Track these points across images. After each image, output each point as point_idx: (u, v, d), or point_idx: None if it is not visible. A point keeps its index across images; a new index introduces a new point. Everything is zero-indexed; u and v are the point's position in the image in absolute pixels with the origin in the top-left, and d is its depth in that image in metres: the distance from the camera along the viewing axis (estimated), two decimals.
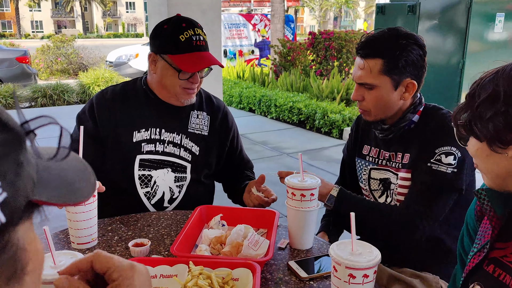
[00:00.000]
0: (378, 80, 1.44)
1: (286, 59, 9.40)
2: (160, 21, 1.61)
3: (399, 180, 1.51)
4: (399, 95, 1.47)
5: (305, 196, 1.28)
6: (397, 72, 1.43)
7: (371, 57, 1.43)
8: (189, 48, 1.55)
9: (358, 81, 1.48)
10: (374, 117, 1.51)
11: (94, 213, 1.30)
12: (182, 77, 1.57)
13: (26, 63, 9.43)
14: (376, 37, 1.45)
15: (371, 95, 1.47)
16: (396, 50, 1.41)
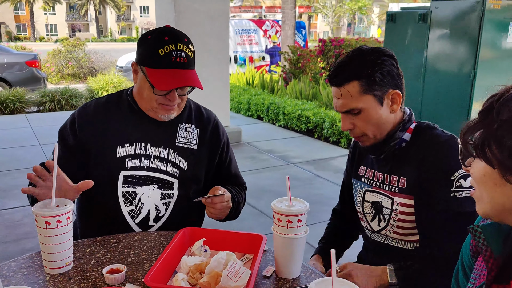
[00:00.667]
0: (362, 101, 1.38)
1: (296, 66, 9.32)
2: (148, 30, 1.54)
3: (399, 206, 1.44)
4: (387, 109, 1.41)
5: (291, 222, 1.19)
6: (376, 87, 1.37)
7: (346, 83, 1.38)
8: (166, 63, 1.46)
9: (342, 110, 1.42)
10: (374, 140, 1.45)
11: (68, 236, 1.23)
12: (157, 92, 1.50)
13: (36, 67, 9.48)
14: (343, 62, 1.41)
15: (360, 120, 1.41)
16: (367, 67, 1.36)
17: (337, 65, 1.41)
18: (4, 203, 3.98)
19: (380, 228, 1.52)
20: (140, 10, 62.86)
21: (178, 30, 1.53)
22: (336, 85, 1.40)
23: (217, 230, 1.40)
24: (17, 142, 5.97)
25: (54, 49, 13.97)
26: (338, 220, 1.78)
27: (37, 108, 8.45)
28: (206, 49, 5.97)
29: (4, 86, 9.05)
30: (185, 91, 1.54)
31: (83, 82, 12.93)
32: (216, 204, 1.48)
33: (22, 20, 55.39)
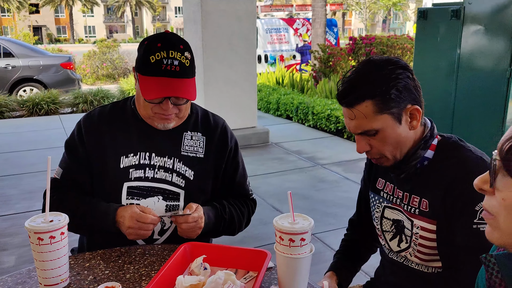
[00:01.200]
0: (378, 122, 1.24)
1: (326, 65, 9.16)
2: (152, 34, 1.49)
3: (420, 230, 1.31)
4: (406, 126, 1.27)
5: (294, 241, 1.10)
6: (393, 104, 1.23)
7: (358, 103, 1.23)
8: (155, 71, 1.39)
9: (357, 131, 1.28)
10: (393, 160, 1.31)
11: (63, 252, 1.19)
12: (147, 100, 1.43)
13: (70, 68, 9.72)
14: (353, 79, 1.26)
15: (377, 141, 1.28)
16: (381, 84, 1.22)
17: (346, 82, 1.26)
18: (30, 204, 4.06)
19: (401, 249, 1.39)
20: (175, 11, 63.80)
21: (176, 36, 1.46)
22: (346, 105, 1.26)
23: (219, 246, 1.33)
24: (49, 143, 6.12)
25: (89, 51, 14.33)
26: (355, 231, 1.67)
27: (70, 109, 8.66)
28: (233, 50, 5.93)
29: (40, 88, 9.33)
30: (181, 100, 1.46)
31: (117, 82, 13.19)
32: (180, 224, 1.42)
33: (62, 23, 57.29)
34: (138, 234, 1.39)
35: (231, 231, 1.64)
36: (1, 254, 3.15)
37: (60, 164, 1.57)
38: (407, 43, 8.22)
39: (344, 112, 1.29)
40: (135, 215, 1.37)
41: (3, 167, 5.15)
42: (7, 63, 9.11)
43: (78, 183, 1.54)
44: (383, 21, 62.82)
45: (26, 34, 20.99)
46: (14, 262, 3.05)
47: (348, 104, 1.26)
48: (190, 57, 1.44)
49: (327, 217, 3.80)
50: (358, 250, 1.64)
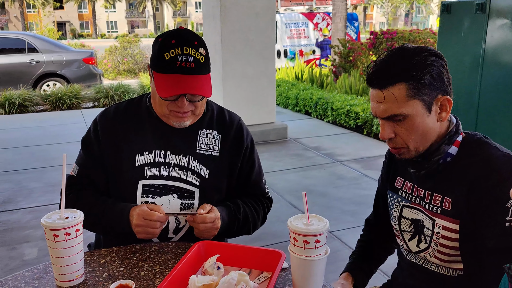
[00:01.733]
0: (408, 107, 1.20)
1: (346, 60, 9.05)
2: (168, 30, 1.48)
3: (442, 229, 1.27)
4: (434, 117, 1.23)
5: (308, 243, 1.08)
6: (426, 91, 1.19)
7: (390, 85, 1.20)
8: (170, 68, 1.38)
9: (384, 115, 1.23)
10: (415, 152, 1.26)
11: (78, 248, 1.20)
12: (163, 98, 1.42)
13: (92, 64, 9.85)
14: (386, 62, 1.22)
15: (403, 128, 1.23)
16: (416, 68, 1.18)
17: (380, 63, 1.22)
18: (53, 197, 4.13)
19: (420, 249, 1.35)
20: (195, 6, 64.00)
21: (190, 32, 1.44)
22: (378, 87, 1.22)
23: (233, 245, 1.32)
24: (70, 137, 6.22)
25: (111, 46, 14.50)
26: (371, 232, 1.63)
27: (92, 104, 8.79)
28: (251, 46, 5.91)
29: (63, 82, 9.49)
30: (196, 97, 1.45)
31: (137, 77, 13.32)
32: (198, 225, 1.40)
33: (85, 18, 58.12)
34: (146, 232, 1.38)
35: (246, 231, 1.63)
36: (24, 246, 3.22)
37: (77, 161, 1.58)
38: (430, 37, 8.05)
39: (373, 95, 1.25)
40: (142, 212, 1.37)
41: (28, 160, 5.26)
42: (31, 58, 9.29)
43: (94, 181, 1.55)
44: (405, 15, 61.76)
45: (50, 30, 21.37)
46: (37, 254, 3.11)
47: (380, 85, 1.21)
48: (205, 53, 1.43)
49: (345, 215, 3.76)
50: (374, 251, 1.61)
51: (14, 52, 9.28)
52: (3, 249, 3.18)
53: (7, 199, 4.11)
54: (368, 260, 1.57)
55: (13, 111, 8.07)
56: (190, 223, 1.42)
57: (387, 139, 1.27)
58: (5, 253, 3.13)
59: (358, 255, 1.58)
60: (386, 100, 1.21)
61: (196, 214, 1.39)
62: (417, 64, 1.19)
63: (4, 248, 3.20)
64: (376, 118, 1.30)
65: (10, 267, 2.96)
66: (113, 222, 1.45)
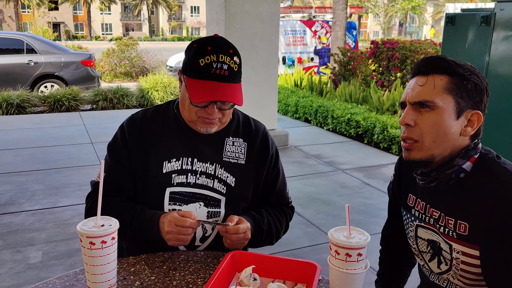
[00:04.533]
0: (442, 98, 1.18)
1: (346, 68, 9.10)
2: (197, 38, 1.48)
3: (461, 255, 1.22)
4: (459, 127, 1.20)
5: (350, 256, 1.08)
6: (464, 95, 1.18)
7: (436, 72, 1.20)
8: (204, 75, 1.38)
9: (414, 100, 1.21)
10: (426, 153, 1.20)
11: (113, 257, 1.18)
12: (195, 104, 1.42)
13: (90, 66, 9.80)
14: (439, 56, 1.24)
15: (426, 119, 1.19)
16: (465, 69, 1.19)
17: (431, 56, 1.24)
18: (56, 200, 4.09)
19: (441, 271, 1.31)
20: (190, 10, 64.11)
21: (225, 41, 1.44)
22: (423, 72, 1.21)
23: (268, 256, 1.31)
24: (70, 140, 6.17)
25: (108, 49, 14.42)
26: (391, 248, 1.61)
27: (90, 106, 8.72)
28: (255, 52, 5.92)
29: (61, 84, 9.42)
30: (226, 105, 1.44)
31: (134, 80, 13.28)
32: (231, 235, 1.39)
33: (80, 20, 57.91)
34: (177, 239, 1.37)
35: (269, 242, 1.62)
36: (29, 250, 3.18)
37: (103, 167, 1.56)
38: (431, 48, 8.12)
39: (414, 81, 1.24)
40: (173, 219, 1.36)
41: (29, 162, 5.21)
42: (29, 59, 9.21)
43: (121, 187, 1.53)
44: (399, 25, 62.32)
45: (45, 31, 21.22)
46: (41, 258, 3.07)
47: (425, 70, 1.22)
48: (238, 62, 1.43)
49: (350, 224, 3.75)
50: (399, 268, 1.58)
51: (12, 53, 9.20)
52: (7, 252, 3.14)
53: (9, 201, 4.06)
54: (396, 279, 1.55)
55: (11, 111, 7.98)
56: (222, 233, 1.41)
57: (405, 126, 1.23)
58: (10, 256, 3.08)
59: (386, 276, 1.56)
60: (425, 85, 1.20)
61: (229, 225, 1.38)
62: (467, 68, 1.20)
63: (8, 251, 3.16)
64: (402, 108, 1.26)
65: (15, 270, 2.91)
66: (142, 230, 1.43)
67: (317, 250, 3.31)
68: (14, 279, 2.82)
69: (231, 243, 1.41)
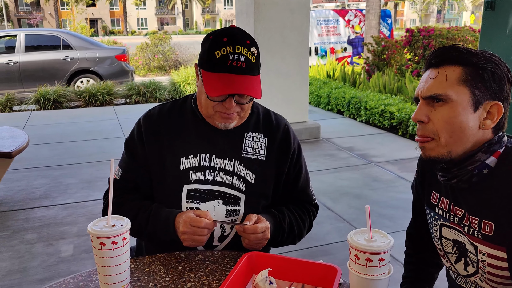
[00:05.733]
0: (455, 91, 1.09)
1: (380, 58, 8.84)
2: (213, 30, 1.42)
3: (487, 257, 1.14)
4: (477, 120, 1.10)
5: (372, 261, 1.00)
6: (480, 85, 1.09)
7: (447, 64, 1.11)
8: (220, 67, 1.31)
9: (426, 94, 1.13)
10: (443, 150, 1.12)
11: (124, 258, 1.15)
12: (212, 98, 1.35)
13: (124, 60, 9.95)
14: (451, 45, 1.14)
15: (441, 114, 1.11)
16: (479, 57, 1.09)
17: (443, 46, 1.15)
18: (88, 193, 4.16)
19: (468, 273, 1.23)
20: (224, 3, 64.27)
21: (242, 31, 1.37)
22: (434, 64, 1.14)
23: (285, 258, 1.24)
24: (104, 134, 6.28)
25: (142, 43, 14.63)
26: (417, 249, 1.51)
27: (124, 101, 8.87)
28: (286, 43, 5.82)
29: (96, 79, 9.62)
30: (244, 98, 1.38)
31: (168, 74, 13.43)
32: (249, 235, 1.33)
33: (116, 15, 59.16)
34: (193, 239, 1.32)
35: (291, 241, 1.55)
36: (60, 243, 3.24)
37: (120, 164, 1.54)
38: (469, 35, 7.76)
39: (426, 74, 1.16)
40: (188, 219, 1.32)
41: (63, 156, 5.34)
42: (66, 55, 9.45)
43: (138, 184, 1.50)
44: (437, 12, 60.25)
45: (83, 27, 21.78)
46: (73, 252, 3.13)
47: (436, 63, 1.14)
48: (256, 53, 1.36)
49: (383, 218, 3.64)
50: (426, 271, 1.48)
51: (49, 49, 9.46)
52: (40, 245, 3.21)
53: (43, 194, 4.16)
54: (423, 282, 1.46)
55: (48, 107, 8.23)
56: (240, 233, 1.35)
57: (418, 123, 1.16)
58: (42, 249, 3.15)
59: (412, 281, 1.47)
60: (436, 78, 1.12)
61: (247, 224, 1.33)
62: (483, 56, 1.10)
63: (40, 244, 3.23)
64: (416, 103, 1.19)
65: (47, 263, 2.98)
66: (158, 230, 1.40)
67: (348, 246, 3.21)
68: (46, 272, 2.88)
69: (249, 243, 1.36)
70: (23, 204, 3.95)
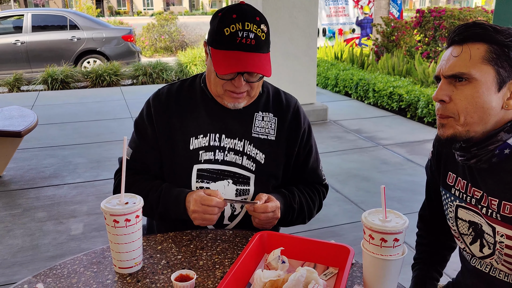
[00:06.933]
0: (479, 70, 1.06)
1: (389, 39, 8.71)
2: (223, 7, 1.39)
3: (505, 239, 1.12)
4: (501, 100, 1.07)
5: (386, 241, 0.99)
6: (505, 64, 1.05)
7: (471, 41, 1.08)
8: (230, 44, 1.29)
9: (448, 73, 1.10)
10: (462, 129, 1.10)
11: (137, 235, 1.15)
12: (221, 76, 1.34)
13: (131, 41, 9.89)
14: (476, 22, 1.10)
15: (463, 94, 1.08)
16: (505, 35, 1.06)
17: (467, 23, 1.11)
18: (97, 173, 4.19)
19: (484, 255, 1.21)
20: None
21: (251, 8, 1.35)
22: (458, 41, 1.10)
23: (298, 238, 1.24)
24: (111, 114, 6.29)
25: (148, 23, 14.52)
26: (429, 231, 1.50)
27: (130, 81, 8.85)
28: (294, 23, 5.75)
29: (103, 59, 9.59)
30: (254, 77, 1.36)
31: (174, 55, 13.35)
32: (259, 214, 1.33)
33: None
34: (203, 218, 1.32)
35: (300, 221, 1.56)
36: (71, 221, 3.28)
37: (130, 144, 1.53)
38: (482, 16, 7.61)
39: (449, 51, 1.13)
40: (199, 198, 1.31)
41: (72, 136, 5.36)
42: (73, 35, 9.40)
43: (148, 164, 1.50)
44: None
45: (89, 7, 21.62)
46: (83, 229, 3.16)
47: (460, 40, 1.10)
48: (266, 30, 1.34)
49: (392, 201, 3.63)
50: (439, 253, 1.47)
51: (56, 29, 9.42)
52: (50, 223, 3.25)
53: (53, 173, 4.19)
54: (435, 264, 1.45)
55: (55, 87, 8.23)
56: (250, 212, 1.35)
57: (439, 102, 1.13)
58: (53, 227, 3.19)
59: (424, 262, 1.46)
60: (459, 56, 1.09)
61: (257, 203, 1.32)
62: (508, 33, 1.07)
63: (51, 222, 3.27)
64: (437, 82, 1.15)
65: (58, 241, 3.01)
66: (168, 209, 1.40)
67: (356, 227, 3.22)
68: (58, 250, 2.91)
69: (259, 222, 1.36)
70: (33, 183, 3.99)
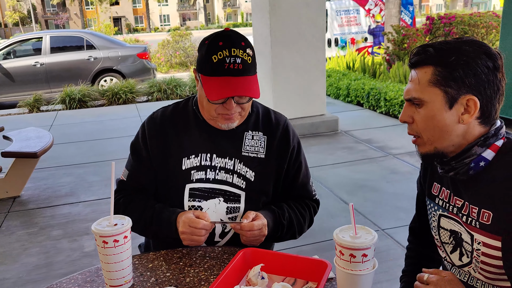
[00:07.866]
0: (426, 93, 1.14)
1: (400, 47, 8.71)
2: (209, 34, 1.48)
3: (482, 246, 1.16)
4: (455, 116, 1.13)
5: (355, 257, 1.05)
6: (452, 84, 1.10)
7: (420, 66, 1.15)
8: (219, 71, 1.37)
9: (405, 97, 1.20)
10: (429, 147, 1.18)
11: (126, 255, 1.23)
12: (213, 101, 1.42)
13: (146, 58, 10.12)
14: (431, 43, 1.16)
15: (420, 115, 1.17)
16: (450, 55, 1.10)
17: (424, 45, 1.18)
18: (109, 191, 4.30)
19: (463, 263, 1.25)
20: None
21: (236, 33, 1.43)
22: (411, 65, 1.19)
23: (279, 253, 1.30)
24: (126, 131, 6.45)
25: (163, 40, 14.83)
26: (418, 243, 1.53)
27: (146, 98, 9.05)
28: (302, 36, 5.82)
29: (119, 77, 9.83)
30: (244, 99, 1.44)
31: (189, 70, 13.57)
32: (246, 232, 1.39)
33: (139, 13, 59.90)
34: (191, 239, 1.39)
35: (291, 236, 1.61)
36: (84, 239, 3.39)
37: (127, 166, 1.62)
38: (493, 20, 7.54)
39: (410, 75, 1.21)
40: (187, 220, 1.39)
41: (88, 154, 5.52)
42: (89, 55, 9.68)
43: (144, 185, 1.58)
44: None
45: (107, 26, 22.21)
46: (95, 246, 3.25)
47: (412, 64, 1.19)
48: (251, 53, 1.41)
49: (398, 211, 3.64)
50: (427, 266, 1.48)
51: (73, 50, 9.72)
52: (65, 241, 3.36)
53: (69, 192, 4.33)
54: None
55: (73, 106, 8.48)
56: (236, 231, 1.42)
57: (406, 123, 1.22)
58: (67, 245, 3.30)
59: (411, 273, 1.48)
60: (412, 81, 1.18)
61: (243, 222, 1.39)
62: (457, 53, 1.11)
63: (66, 239, 3.38)
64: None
65: (71, 258, 3.12)
66: (161, 229, 1.48)
67: None
68: (70, 267, 3.02)
69: (247, 240, 1.42)
70: (49, 201, 4.13)
